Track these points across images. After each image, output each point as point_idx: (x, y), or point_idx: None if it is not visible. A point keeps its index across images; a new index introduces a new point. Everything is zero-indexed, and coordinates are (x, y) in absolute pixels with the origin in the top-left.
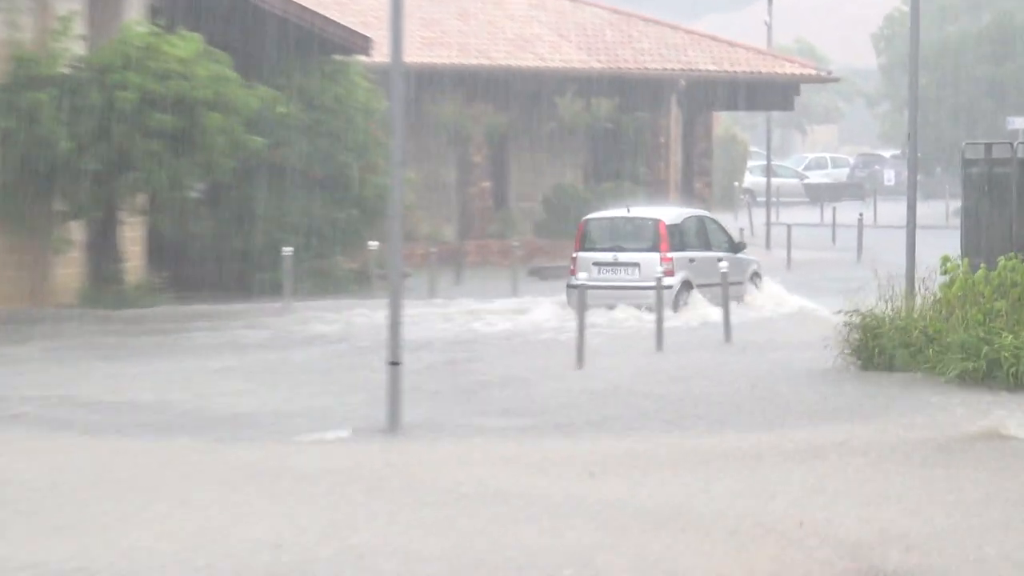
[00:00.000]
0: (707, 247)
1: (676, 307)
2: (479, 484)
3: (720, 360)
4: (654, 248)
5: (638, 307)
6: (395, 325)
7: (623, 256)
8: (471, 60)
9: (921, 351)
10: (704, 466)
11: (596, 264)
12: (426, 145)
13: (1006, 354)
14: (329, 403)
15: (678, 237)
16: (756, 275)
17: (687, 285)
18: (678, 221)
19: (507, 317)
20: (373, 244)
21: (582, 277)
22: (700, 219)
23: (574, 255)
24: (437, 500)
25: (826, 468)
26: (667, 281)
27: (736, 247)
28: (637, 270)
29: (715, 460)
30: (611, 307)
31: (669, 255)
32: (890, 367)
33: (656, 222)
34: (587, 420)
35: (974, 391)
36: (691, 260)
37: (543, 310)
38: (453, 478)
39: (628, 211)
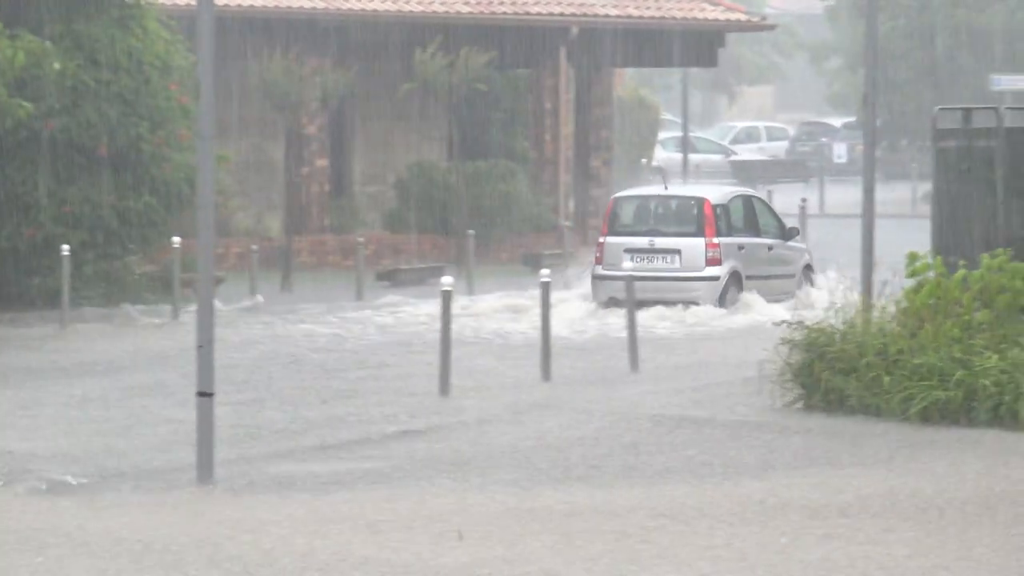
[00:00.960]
0: (756, 232)
1: (724, 303)
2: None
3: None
4: (698, 232)
5: (681, 303)
6: (206, 344)
7: (661, 242)
8: (303, 2)
9: (878, 378)
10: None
11: (628, 251)
12: (247, 113)
13: (987, 381)
14: (120, 446)
15: (724, 220)
16: (809, 267)
17: (735, 277)
18: (724, 201)
19: (495, 318)
20: (176, 240)
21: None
22: (748, 199)
23: (600, 240)
24: None
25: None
26: (711, 272)
27: (788, 233)
28: (678, 258)
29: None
30: (643, 304)
31: (715, 240)
32: (840, 400)
33: (700, 201)
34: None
35: (941, 432)
36: (740, 247)
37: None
38: (280, 548)
39: (666, 188)
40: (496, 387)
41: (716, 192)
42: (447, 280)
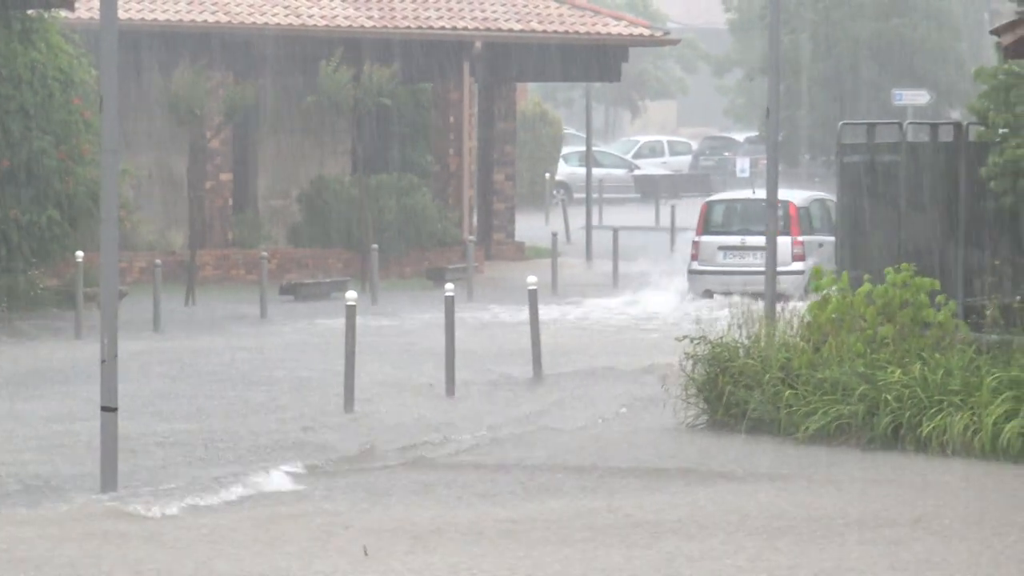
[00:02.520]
0: (832, 232)
1: (807, 295)
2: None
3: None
4: (784, 231)
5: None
6: (110, 359)
7: (751, 240)
8: (206, 16)
9: (780, 393)
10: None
11: (721, 249)
12: (150, 127)
13: (889, 395)
14: (19, 460)
15: (807, 220)
16: None
17: None
18: (806, 204)
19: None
20: (80, 255)
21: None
22: (824, 203)
23: (695, 239)
24: None
25: None
26: (797, 266)
27: None
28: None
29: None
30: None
31: (800, 238)
32: (743, 415)
33: (786, 203)
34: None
35: (838, 454)
36: (820, 245)
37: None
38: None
39: (754, 192)
40: (397, 401)
41: (799, 195)
42: (351, 295)
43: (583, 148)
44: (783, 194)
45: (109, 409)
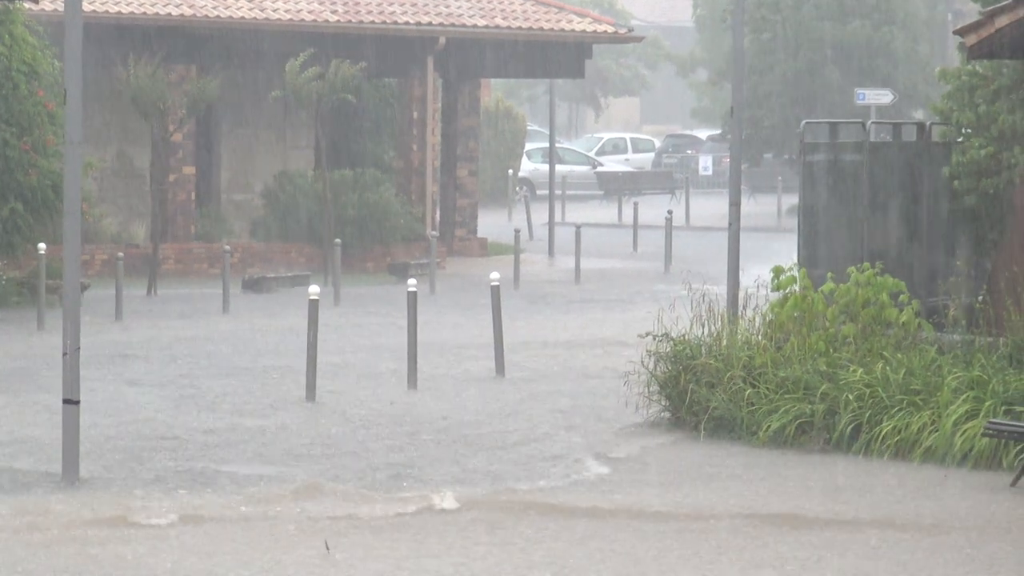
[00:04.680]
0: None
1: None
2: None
3: None
4: None
5: None
6: (73, 352)
7: None
8: (170, 9)
9: (740, 392)
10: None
11: None
12: (113, 120)
13: (850, 395)
14: None
15: None
16: None
17: None
18: None
19: None
20: (42, 247)
21: None
22: None
23: None
24: None
25: None
26: None
27: None
28: None
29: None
30: None
31: None
32: (705, 412)
33: None
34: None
35: (799, 458)
36: None
37: None
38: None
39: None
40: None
41: None
42: (313, 289)
43: (546, 144)
44: None
45: (71, 402)
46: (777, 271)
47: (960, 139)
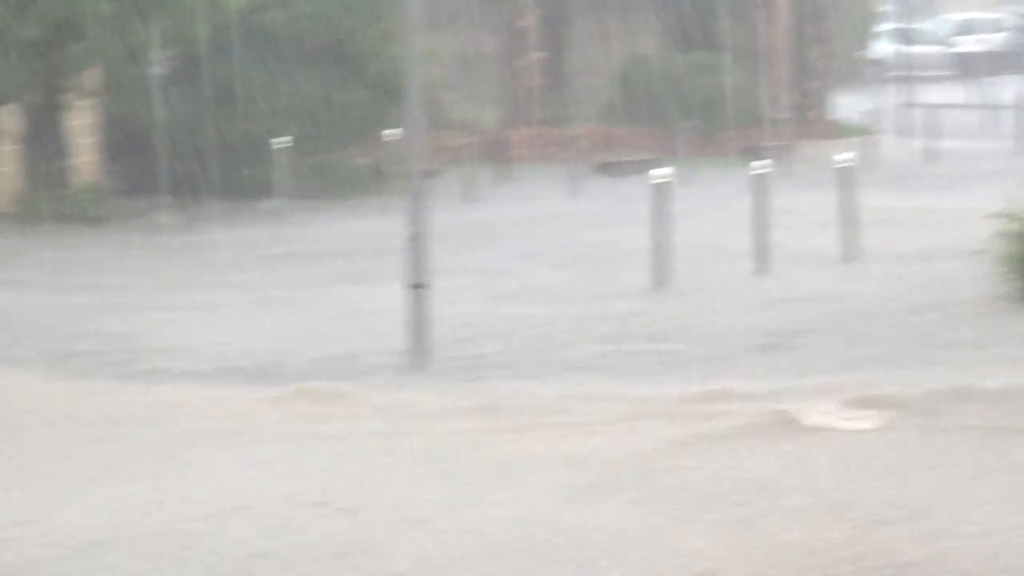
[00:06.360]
0: None
1: None
2: None
3: None
4: None
5: None
6: (418, 237)
7: None
8: None
9: None
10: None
11: None
12: (459, 6)
13: None
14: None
15: None
16: None
17: None
18: None
19: None
20: (390, 133)
21: None
22: None
23: None
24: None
25: None
26: None
27: None
28: None
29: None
30: None
31: None
32: None
33: None
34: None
35: None
36: None
37: None
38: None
39: None
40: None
41: None
42: (665, 171)
43: (899, 25)
44: None
45: (418, 286)
46: None
47: None
